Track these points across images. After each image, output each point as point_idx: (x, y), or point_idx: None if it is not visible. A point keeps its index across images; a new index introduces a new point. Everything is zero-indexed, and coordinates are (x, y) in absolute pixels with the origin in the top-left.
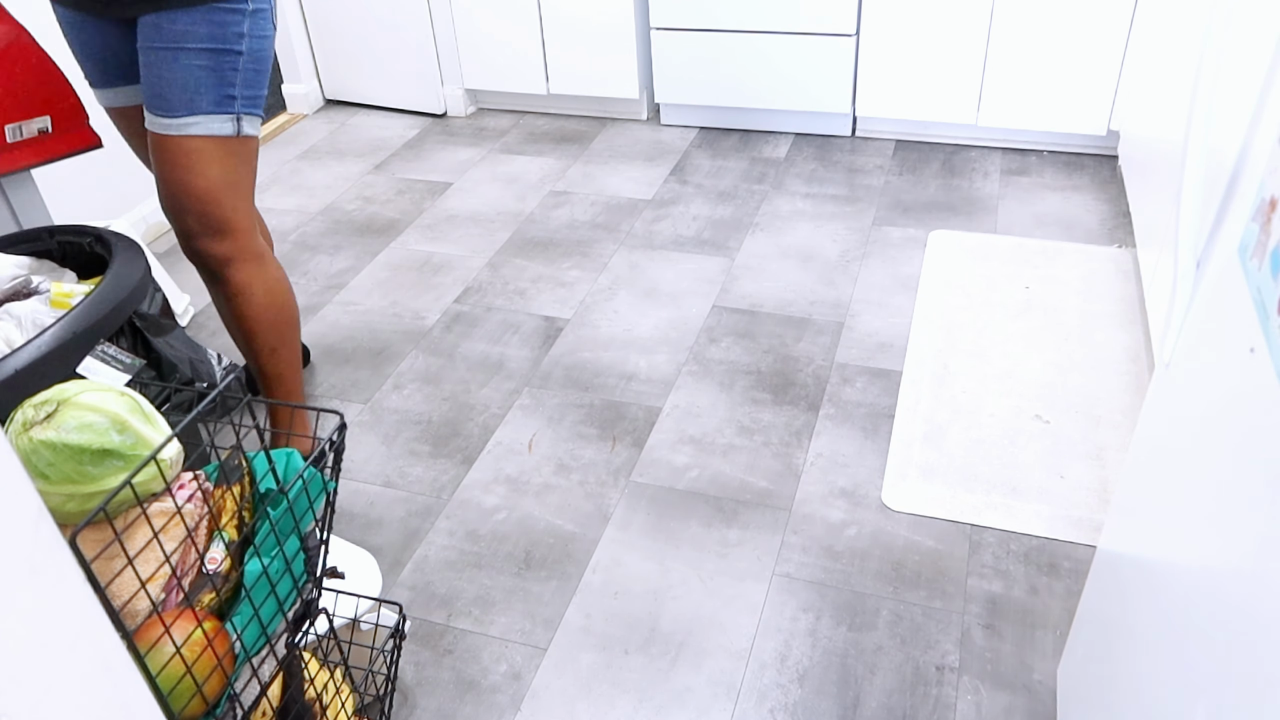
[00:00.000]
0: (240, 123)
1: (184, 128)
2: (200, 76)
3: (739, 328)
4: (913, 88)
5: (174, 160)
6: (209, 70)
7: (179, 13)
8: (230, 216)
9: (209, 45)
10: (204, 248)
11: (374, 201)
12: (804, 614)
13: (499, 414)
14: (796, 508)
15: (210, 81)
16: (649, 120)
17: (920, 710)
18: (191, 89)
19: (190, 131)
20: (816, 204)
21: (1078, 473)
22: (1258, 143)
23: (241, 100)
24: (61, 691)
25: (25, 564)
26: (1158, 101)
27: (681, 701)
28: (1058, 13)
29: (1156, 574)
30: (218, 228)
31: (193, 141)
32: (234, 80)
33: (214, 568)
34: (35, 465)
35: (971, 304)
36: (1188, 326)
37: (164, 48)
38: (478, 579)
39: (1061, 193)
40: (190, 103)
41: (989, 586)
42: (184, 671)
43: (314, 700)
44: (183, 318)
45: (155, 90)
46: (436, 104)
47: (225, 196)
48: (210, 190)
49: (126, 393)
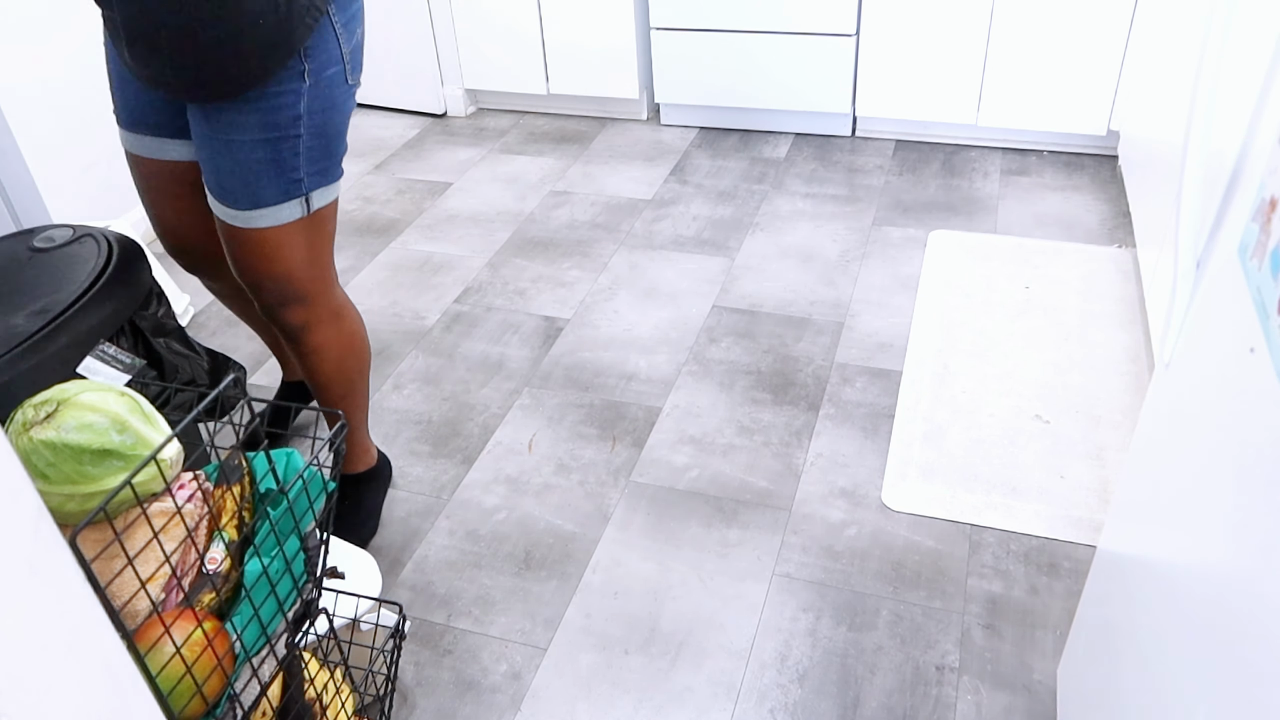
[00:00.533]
0: (310, 202)
1: (251, 220)
2: (259, 169)
3: (739, 328)
4: (913, 88)
5: (244, 249)
6: (268, 162)
7: (225, 105)
8: (309, 288)
9: (263, 136)
10: (282, 317)
11: (374, 201)
12: (804, 614)
13: (499, 414)
14: (796, 508)
15: (271, 172)
16: (649, 120)
17: (920, 710)
18: (252, 181)
19: (258, 225)
20: (816, 204)
21: (1078, 472)
22: (1258, 143)
23: (309, 180)
24: (61, 691)
25: (25, 564)
26: (1158, 101)
27: (681, 701)
28: (1058, 13)
29: (1156, 574)
30: (297, 299)
31: (262, 233)
32: (297, 164)
33: (214, 568)
34: (35, 465)
35: (971, 304)
36: (1188, 326)
37: (216, 138)
38: (478, 579)
39: (1061, 193)
40: (253, 195)
41: (989, 586)
42: (184, 671)
43: (314, 700)
44: (183, 318)
45: (215, 179)
46: (436, 104)
47: (302, 272)
48: (287, 272)
49: (127, 393)
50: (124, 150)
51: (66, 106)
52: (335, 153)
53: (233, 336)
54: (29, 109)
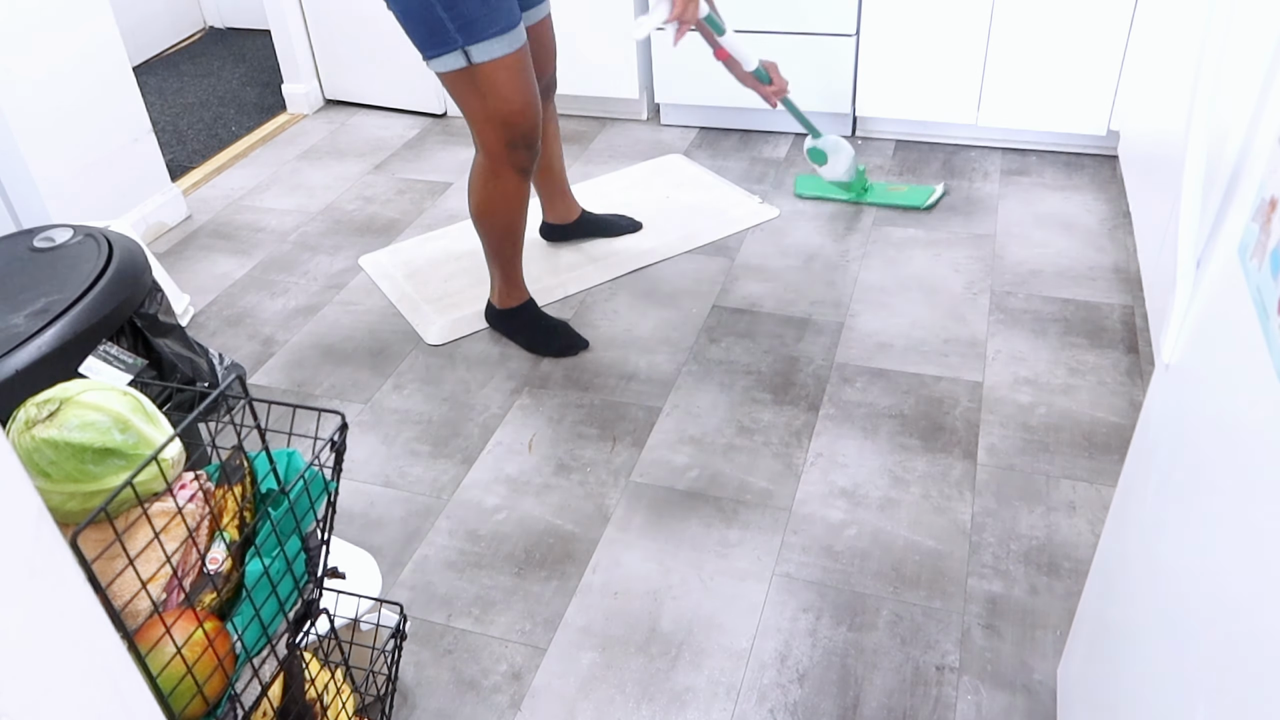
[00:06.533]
0: (469, 54)
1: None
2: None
3: (739, 328)
4: (913, 88)
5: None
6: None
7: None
8: (475, 139)
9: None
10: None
11: (374, 201)
12: (804, 614)
13: (499, 414)
14: (796, 508)
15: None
16: (649, 120)
17: (920, 710)
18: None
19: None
20: (816, 204)
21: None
22: (1258, 143)
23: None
24: (61, 691)
25: (25, 564)
26: (1157, 101)
27: (681, 701)
28: (1058, 13)
29: (1156, 574)
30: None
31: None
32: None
33: (215, 568)
34: (37, 464)
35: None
36: (1188, 326)
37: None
38: (478, 579)
39: (1061, 193)
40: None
41: (989, 586)
42: (185, 672)
43: (315, 700)
44: (183, 318)
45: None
46: (436, 104)
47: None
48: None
49: (129, 392)
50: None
51: (66, 106)
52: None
53: (233, 336)
54: (29, 109)
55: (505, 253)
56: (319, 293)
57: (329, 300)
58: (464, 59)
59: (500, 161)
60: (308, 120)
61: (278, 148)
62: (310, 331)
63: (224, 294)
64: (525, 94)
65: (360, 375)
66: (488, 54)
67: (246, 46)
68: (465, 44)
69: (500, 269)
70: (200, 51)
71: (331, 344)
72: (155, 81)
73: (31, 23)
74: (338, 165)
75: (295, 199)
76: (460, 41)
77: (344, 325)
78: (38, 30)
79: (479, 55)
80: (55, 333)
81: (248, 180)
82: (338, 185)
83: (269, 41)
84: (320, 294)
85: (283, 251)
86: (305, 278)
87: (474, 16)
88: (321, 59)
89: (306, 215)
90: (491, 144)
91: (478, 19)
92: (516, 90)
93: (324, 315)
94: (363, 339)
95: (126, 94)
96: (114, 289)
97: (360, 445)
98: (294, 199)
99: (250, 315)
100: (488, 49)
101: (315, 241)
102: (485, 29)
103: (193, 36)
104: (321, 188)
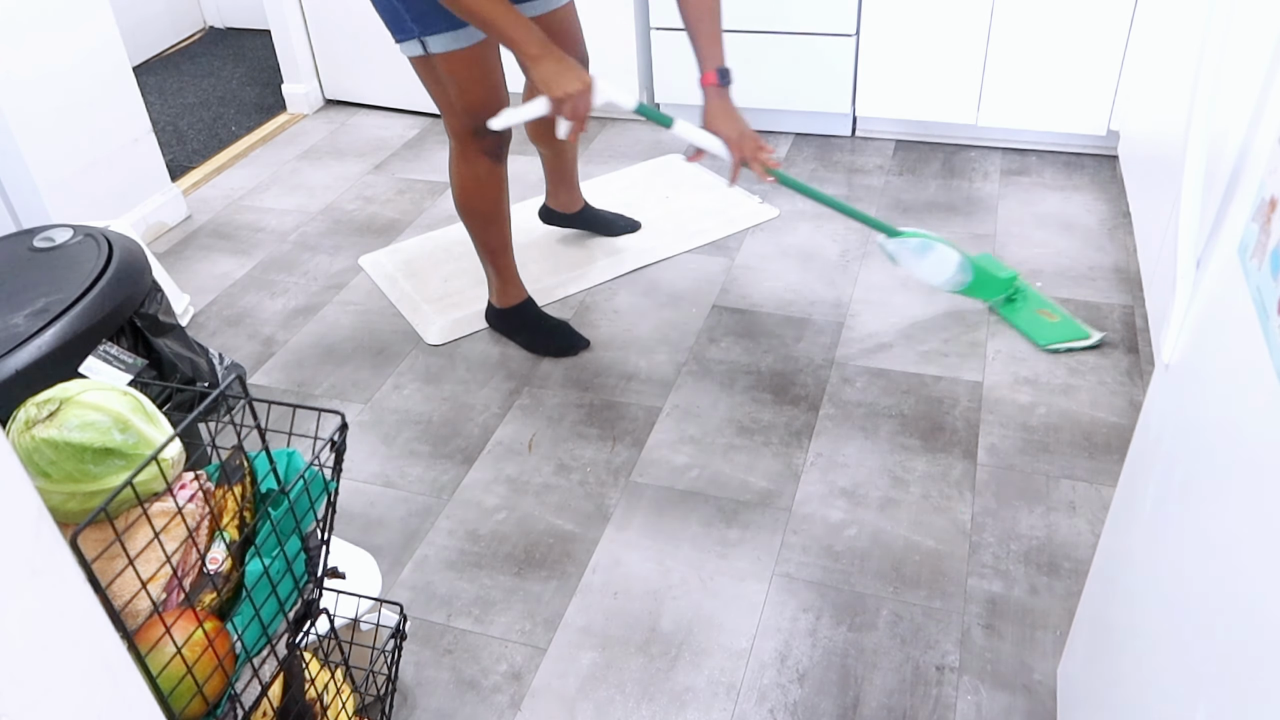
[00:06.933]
0: (425, 44)
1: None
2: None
3: (739, 328)
4: (913, 88)
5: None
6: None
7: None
8: (445, 125)
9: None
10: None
11: (374, 201)
12: (804, 614)
13: (499, 414)
14: (796, 508)
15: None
16: (649, 120)
17: (920, 710)
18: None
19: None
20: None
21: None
22: (1258, 143)
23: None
24: (61, 691)
25: (26, 564)
26: (1157, 101)
27: (681, 701)
28: (1058, 13)
29: (1157, 574)
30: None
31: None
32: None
33: (215, 568)
34: (37, 463)
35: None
36: (1188, 326)
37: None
38: (478, 579)
39: (1061, 193)
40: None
41: (989, 586)
42: (185, 672)
43: (315, 700)
44: (183, 318)
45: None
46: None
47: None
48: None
49: (129, 392)
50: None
51: (66, 106)
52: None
53: (233, 336)
54: (29, 109)
55: (492, 244)
56: (319, 293)
57: (329, 300)
58: (421, 48)
59: (468, 145)
60: (308, 120)
61: (278, 148)
62: (310, 331)
63: (224, 294)
64: (484, 87)
65: (360, 375)
66: (443, 46)
67: (246, 46)
68: (421, 34)
69: (491, 263)
70: (200, 51)
71: (331, 344)
72: (155, 81)
73: (31, 23)
74: (338, 165)
75: (295, 199)
76: (416, 31)
77: (344, 325)
78: (38, 30)
79: (435, 46)
80: (55, 333)
81: (248, 180)
82: (338, 185)
83: (269, 41)
84: (320, 294)
85: (283, 251)
86: (305, 278)
87: (426, 9)
88: (321, 59)
89: (306, 215)
90: (457, 129)
91: (429, 11)
92: (474, 82)
93: (324, 315)
94: (363, 339)
95: (126, 94)
96: (114, 289)
97: (360, 445)
98: (294, 199)
99: (250, 315)
100: (442, 41)
101: (315, 241)
102: (437, 22)
103: (193, 36)
104: (321, 188)
